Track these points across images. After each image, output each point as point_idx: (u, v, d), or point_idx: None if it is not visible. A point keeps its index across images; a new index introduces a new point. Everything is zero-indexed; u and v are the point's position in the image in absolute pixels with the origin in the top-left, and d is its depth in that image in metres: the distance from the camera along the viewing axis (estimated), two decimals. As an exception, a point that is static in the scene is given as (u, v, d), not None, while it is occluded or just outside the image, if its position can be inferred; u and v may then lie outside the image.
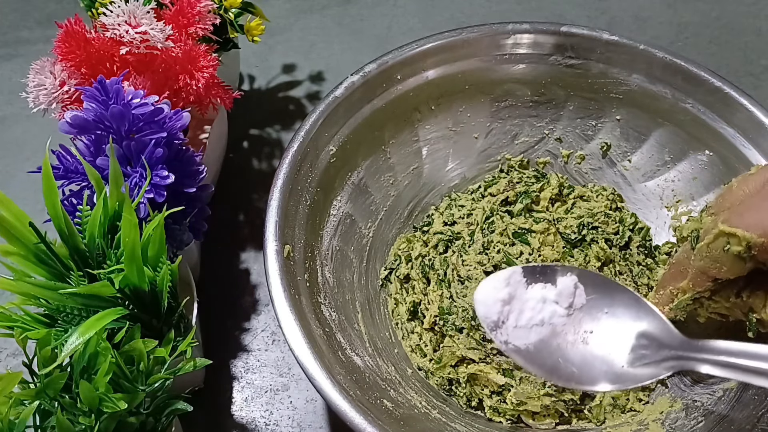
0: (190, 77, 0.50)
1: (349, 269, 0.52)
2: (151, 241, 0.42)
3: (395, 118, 0.56)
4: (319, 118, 0.51)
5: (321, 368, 0.40)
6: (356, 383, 0.42)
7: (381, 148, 0.56)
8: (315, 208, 0.50)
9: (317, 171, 0.51)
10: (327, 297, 0.48)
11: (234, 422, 0.52)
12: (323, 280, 0.49)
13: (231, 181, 0.64)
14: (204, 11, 0.52)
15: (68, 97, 0.49)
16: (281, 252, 0.45)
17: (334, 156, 0.52)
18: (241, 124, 0.68)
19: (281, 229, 0.46)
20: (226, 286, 0.58)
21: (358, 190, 0.55)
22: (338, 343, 0.45)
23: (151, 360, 0.39)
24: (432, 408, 0.46)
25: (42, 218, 0.41)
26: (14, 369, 0.47)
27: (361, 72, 0.54)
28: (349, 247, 0.53)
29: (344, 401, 0.39)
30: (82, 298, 0.40)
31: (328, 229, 0.52)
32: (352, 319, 0.49)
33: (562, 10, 0.79)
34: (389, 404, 0.43)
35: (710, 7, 0.79)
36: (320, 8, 0.81)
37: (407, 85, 0.56)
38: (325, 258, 0.50)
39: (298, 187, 0.49)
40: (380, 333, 0.51)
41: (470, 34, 0.56)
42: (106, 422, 0.36)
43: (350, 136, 0.53)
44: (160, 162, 0.44)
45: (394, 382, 0.47)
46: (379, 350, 0.49)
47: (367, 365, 0.46)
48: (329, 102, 0.52)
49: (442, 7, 0.80)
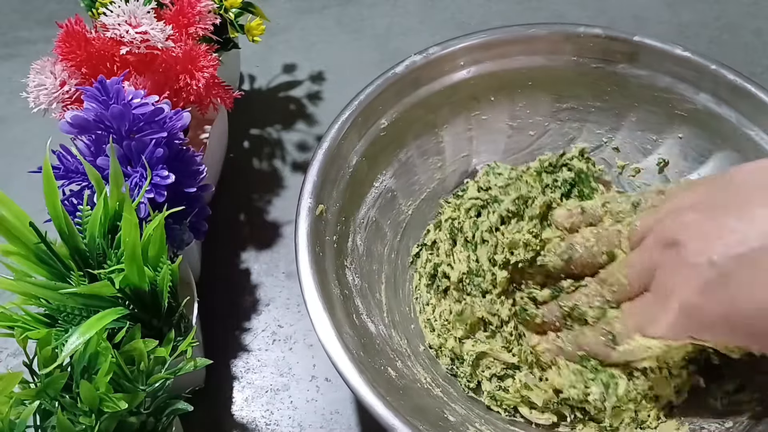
0: (190, 77, 0.50)
1: (381, 241, 0.53)
2: (151, 241, 0.42)
3: (452, 104, 0.56)
4: (375, 91, 0.52)
5: (330, 322, 0.41)
6: (363, 346, 0.43)
7: (434, 130, 0.56)
8: (357, 176, 0.51)
9: (365, 141, 0.52)
10: (354, 262, 0.49)
11: (234, 422, 0.52)
12: (353, 246, 0.50)
13: (231, 181, 0.64)
14: (204, 11, 0.52)
15: (69, 97, 0.49)
16: (314, 209, 0.46)
17: (385, 130, 0.53)
18: (241, 124, 0.68)
19: (318, 188, 0.48)
20: (226, 286, 0.58)
21: (405, 167, 0.55)
22: (355, 306, 0.46)
23: (151, 360, 0.39)
24: (436, 386, 0.46)
25: (42, 218, 0.41)
26: (14, 369, 0.47)
27: (424, 53, 0.54)
28: (385, 220, 0.53)
29: (344, 355, 0.40)
30: (83, 298, 0.40)
31: (368, 199, 0.52)
32: (375, 289, 0.50)
33: (563, 10, 0.79)
34: (393, 373, 0.44)
35: (710, 7, 0.79)
36: (320, 8, 0.81)
37: (470, 73, 0.56)
38: (360, 226, 0.51)
39: (343, 153, 0.50)
40: (400, 307, 0.51)
41: (540, 30, 0.55)
42: (106, 422, 0.36)
43: (404, 113, 0.54)
44: (161, 162, 0.44)
45: (404, 354, 0.47)
46: (395, 323, 0.49)
47: (381, 333, 0.47)
48: (388, 77, 0.53)
49: (442, 7, 0.80)
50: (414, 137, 0.55)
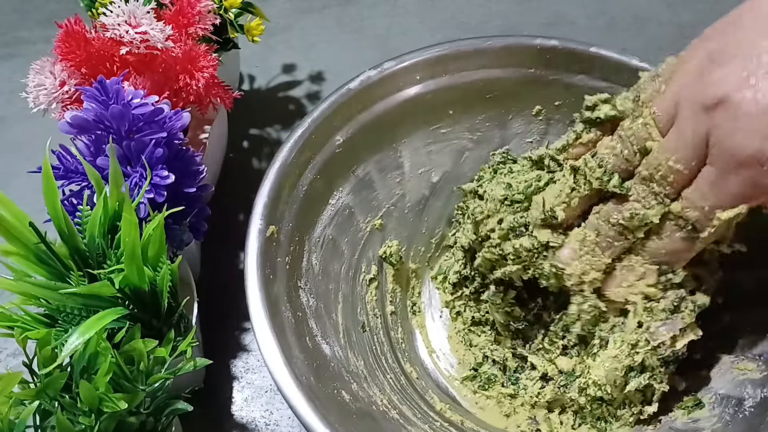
0: (190, 77, 0.50)
1: (338, 260, 0.52)
2: (151, 241, 0.42)
3: (410, 118, 0.55)
4: (330, 107, 0.51)
5: (278, 348, 0.41)
6: (315, 370, 0.43)
7: (392, 145, 0.55)
8: (312, 194, 0.50)
9: (321, 158, 0.51)
10: (309, 283, 0.48)
11: (234, 422, 0.52)
12: (308, 266, 0.49)
13: (231, 181, 0.64)
14: (204, 11, 0.52)
15: (68, 97, 0.49)
16: (264, 231, 0.46)
17: (341, 147, 0.52)
18: (241, 124, 0.68)
19: (269, 209, 0.47)
20: (226, 286, 0.58)
21: (362, 183, 0.54)
22: (309, 329, 0.46)
23: (151, 360, 0.39)
24: (392, 408, 0.46)
25: (42, 218, 0.41)
26: (14, 369, 0.47)
27: (379, 68, 0.53)
28: (343, 238, 0.53)
29: (293, 383, 0.40)
30: (82, 298, 0.40)
31: (323, 217, 0.51)
32: (331, 309, 0.49)
33: (562, 11, 0.79)
34: (347, 396, 0.44)
35: (711, 7, 0.79)
36: (320, 8, 0.81)
37: (427, 87, 0.55)
38: (315, 245, 0.50)
39: (296, 171, 0.49)
40: (357, 326, 0.51)
41: (496, 43, 0.54)
42: (106, 422, 0.36)
43: (361, 129, 0.53)
44: (160, 162, 0.44)
45: (360, 376, 0.47)
46: (352, 343, 0.49)
47: (336, 355, 0.46)
48: (342, 93, 0.52)
49: (442, 7, 0.80)
50: (371, 152, 0.54)
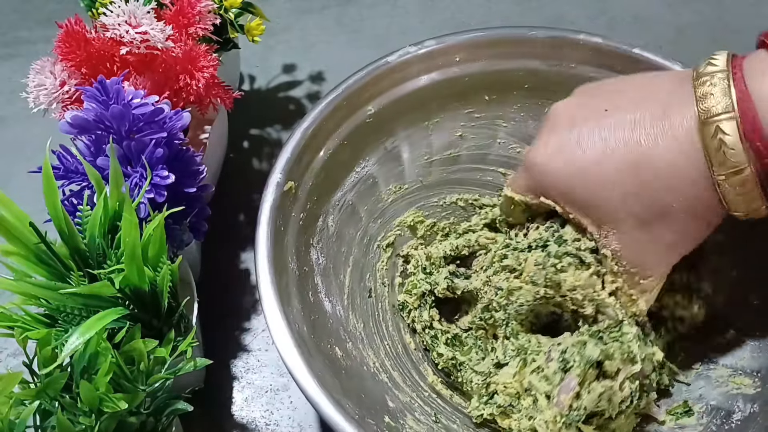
0: (190, 77, 0.50)
1: (355, 225, 0.53)
2: (151, 241, 0.42)
3: (446, 98, 0.55)
4: (365, 77, 0.51)
5: (275, 293, 0.42)
6: (312, 322, 0.44)
7: (424, 123, 0.55)
8: (338, 159, 0.51)
9: (349, 126, 0.51)
10: (321, 242, 0.50)
11: (234, 422, 0.52)
12: (323, 226, 0.50)
13: (231, 181, 0.64)
14: (204, 11, 0.52)
15: (68, 97, 0.49)
16: (282, 185, 0.47)
17: (371, 117, 0.52)
18: (241, 124, 0.68)
19: (291, 165, 0.48)
20: (226, 286, 0.58)
21: (389, 155, 0.54)
22: (314, 284, 0.47)
23: (151, 360, 0.39)
24: (383, 371, 0.47)
25: (42, 218, 0.41)
26: (14, 369, 0.47)
27: (419, 44, 0.53)
28: (362, 205, 0.53)
29: (284, 327, 0.40)
30: (83, 298, 0.40)
31: (346, 182, 0.52)
32: (340, 270, 0.50)
33: (562, 11, 0.79)
34: (340, 353, 0.45)
35: (710, 7, 0.79)
36: (320, 8, 0.81)
37: (464, 69, 0.55)
38: (334, 207, 0.51)
39: (323, 134, 0.50)
40: (363, 291, 0.52)
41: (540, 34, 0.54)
42: (106, 422, 0.36)
43: (394, 102, 0.53)
44: (161, 162, 0.44)
45: (357, 337, 0.48)
46: (355, 306, 0.50)
47: (336, 313, 0.48)
48: (379, 65, 0.52)
49: (443, 7, 0.80)
50: (403, 127, 0.55)
